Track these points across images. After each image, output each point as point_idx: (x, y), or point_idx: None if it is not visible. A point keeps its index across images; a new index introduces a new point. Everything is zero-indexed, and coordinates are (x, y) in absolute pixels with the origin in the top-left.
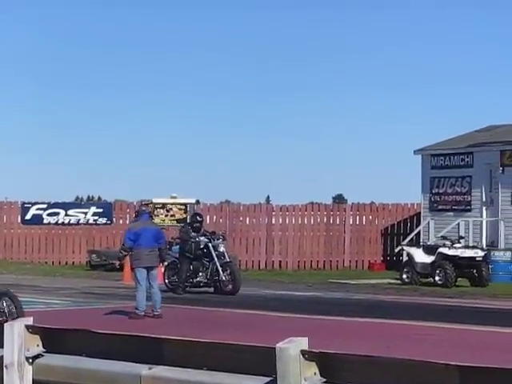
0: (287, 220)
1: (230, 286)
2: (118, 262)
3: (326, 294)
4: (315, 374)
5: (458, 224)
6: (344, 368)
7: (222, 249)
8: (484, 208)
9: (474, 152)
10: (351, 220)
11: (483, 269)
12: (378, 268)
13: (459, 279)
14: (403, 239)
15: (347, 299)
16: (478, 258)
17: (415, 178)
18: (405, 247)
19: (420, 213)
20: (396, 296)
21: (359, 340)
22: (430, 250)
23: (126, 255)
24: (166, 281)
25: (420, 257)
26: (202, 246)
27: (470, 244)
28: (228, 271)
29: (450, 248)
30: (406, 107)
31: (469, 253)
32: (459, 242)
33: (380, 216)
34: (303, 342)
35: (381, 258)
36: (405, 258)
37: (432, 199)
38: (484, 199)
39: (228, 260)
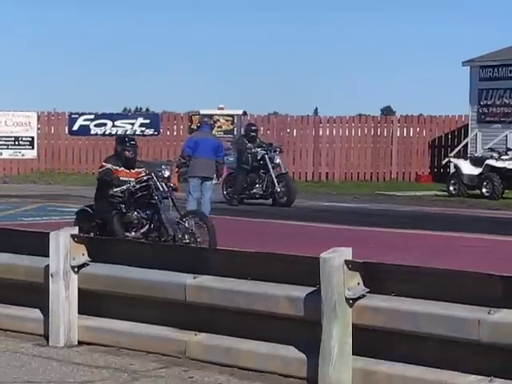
0: (334, 132)
1: (285, 198)
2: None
3: (372, 206)
4: (359, 283)
5: (506, 136)
6: (388, 278)
7: (278, 160)
8: None
9: None
10: (398, 132)
11: None
12: (424, 180)
13: (506, 191)
14: (451, 151)
15: (394, 211)
16: None
17: (463, 89)
18: (452, 159)
19: (468, 125)
20: (442, 208)
21: (404, 251)
22: (477, 161)
23: (184, 163)
24: (224, 192)
25: (467, 169)
26: (258, 158)
27: None
28: (283, 183)
29: (497, 160)
30: (456, 18)
31: None
32: (507, 154)
33: (427, 128)
34: (347, 252)
35: (428, 170)
36: (452, 170)
37: (480, 111)
38: None
39: (284, 172)
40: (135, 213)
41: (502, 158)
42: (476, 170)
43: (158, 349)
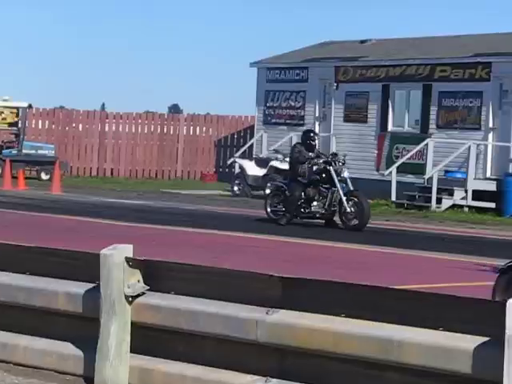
0: (121, 128)
1: (356, 221)
2: None
3: (156, 203)
4: (139, 281)
5: (291, 138)
6: (168, 276)
7: (346, 174)
8: (317, 123)
9: (309, 67)
10: (185, 130)
11: None
12: (210, 179)
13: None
14: (237, 151)
15: (178, 209)
16: None
17: (251, 90)
18: (237, 159)
19: (254, 125)
20: (226, 207)
21: (188, 250)
22: (262, 162)
23: None
24: (268, 209)
25: (252, 169)
26: (320, 170)
27: None
28: (353, 202)
29: (281, 161)
30: (245, 19)
31: None
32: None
33: (214, 127)
34: (128, 249)
35: (213, 169)
36: (237, 170)
37: (266, 112)
38: (317, 114)
39: (353, 188)
40: None
41: (286, 159)
42: (260, 171)
43: None
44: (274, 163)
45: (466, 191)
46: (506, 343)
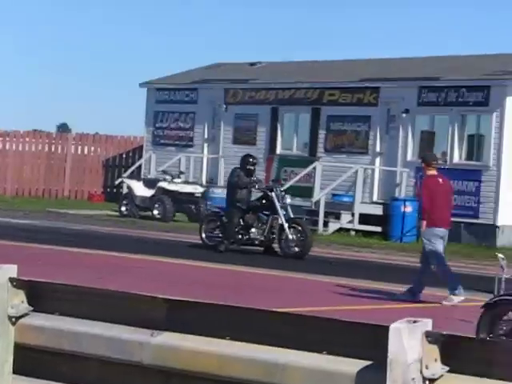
0: (8, 146)
1: (298, 249)
2: None
3: (43, 223)
4: (23, 302)
5: (180, 159)
6: (52, 297)
7: (288, 201)
8: (206, 144)
9: (198, 88)
10: (73, 149)
11: (201, 205)
12: (97, 199)
13: (177, 214)
14: (125, 171)
15: (64, 229)
16: (196, 194)
17: (140, 111)
18: (125, 179)
19: (143, 146)
20: (114, 228)
21: (73, 270)
22: (150, 183)
23: None
24: (203, 234)
25: (140, 190)
26: (260, 196)
27: (190, 180)
28: (295, 229)
29: (169, 182)
30: (135, 39)
31: (188, 188)
32: (179, 177)
33: (103, 147)
34: (12, 269)
35: (101, 189)
36: (125, 191)
37: (155, 133)
38: (206, 136)
39: (295, 216)
40: None
41: (174, 180)
42: (149, 192)
43: None
44: (162, 184)
45: (352, 215)
46: (388, 367)
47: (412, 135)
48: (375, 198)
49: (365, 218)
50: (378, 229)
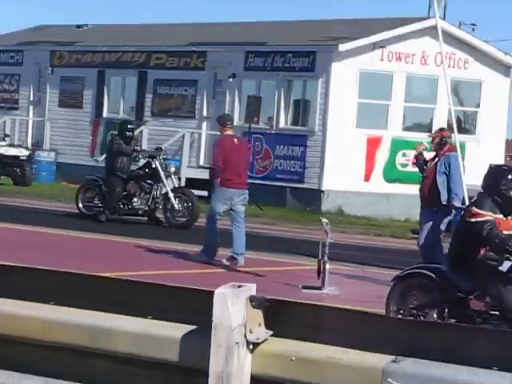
0: None
1: (184, 219)
2: None
3: None
4: None
5: (5, 122)
6: None
7: (172, 169)
8: (31, 107)
9: (23, 50)
10: None
11: (27, 168)
12: None
13: (3, 177)
14: None
15: None
16: (22, 157)
17: None
18: None
19: None
20: None
21: None
22: None
23: None
24: (80, 205)
25: None
26: (142, 164)
27: (16, 143)
28: (181, 198)
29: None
30: None
31: (13, 151)
32: (4, 140)
33: None
34: None
35: None
36: None
37: None
38: (32, 98)
39: (181, 185)
40: None
41: None
42: None
43: None
44: None
45: (179, 179)
46: (212, 331)
47: (239, 100)
48: (202, 163)
49: (191, 182)
50: (205, 193)
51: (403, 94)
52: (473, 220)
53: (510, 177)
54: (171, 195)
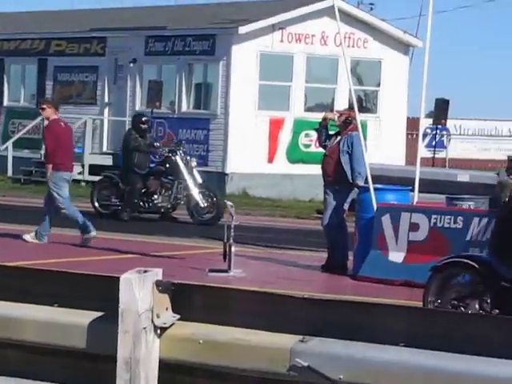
0: None
1: (210, 215)
2: None
3: None
4: None
5: None
6: None
7: (194, 163)
8: None
9: None
10: None
11: None
12: None
13: None
14: None
15: None
16: None
17: None
18: None
19: None
20: None
21: None
22: None
23: None
24: (96, 204)
25: None
26: (161, 159)
27: None
28: (205, 194)
29: None
30: None
31: None
32: None
33: None
34: None
35: None
36: None
37: None
38: None
39: (201, 181)
40: None
41: None
42: None
43: None
44: None
45: (82, 166)
46: (119, 317)
47: (140, 85)
48: (105, 149)
49: (95, 169)
50: None
51: (304, 74)
52: None
53: None
54: (195, 191)
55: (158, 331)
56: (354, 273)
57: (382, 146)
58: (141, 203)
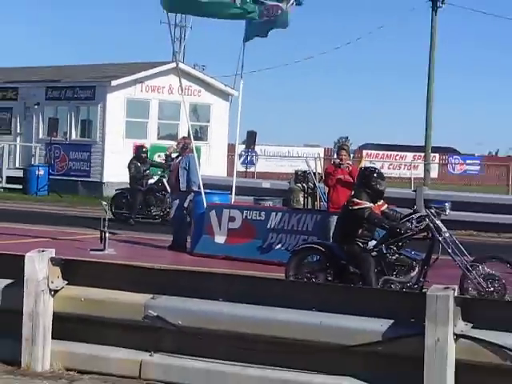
0: None
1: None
2: None
3: None
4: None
5: None
6: None
7: None
8: None
9: None
10: None
11: None
12: None
13: None
14: None
15: None
16: None
17: None
18: None
19: None
20: None
21: None
22: None
23: None
24: (113, 210)
25: None
26: (155, 180)
27: None
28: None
29: None
30: None
31: None
32: None
33: None
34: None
35: None
36: None
37: None
38: None
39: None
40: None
41: None
42: None
43: None
44: None
45: (1, 177)
46: (24, 283)
47: (42, 121)
48: (17, 165)
49: (11, 180)
50: (20, 186)
51: (157, 114)
52: (356, 207)
53: (375, 175)
54: None
55: (52, 293)
56: (191, 251)
57: (211, 163)
58: (142, 212)
